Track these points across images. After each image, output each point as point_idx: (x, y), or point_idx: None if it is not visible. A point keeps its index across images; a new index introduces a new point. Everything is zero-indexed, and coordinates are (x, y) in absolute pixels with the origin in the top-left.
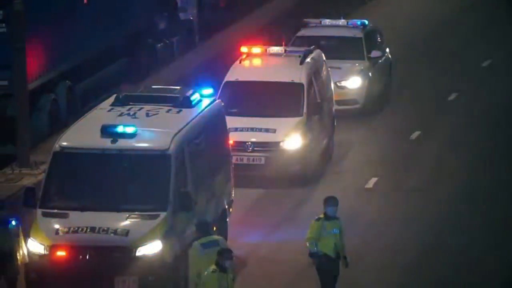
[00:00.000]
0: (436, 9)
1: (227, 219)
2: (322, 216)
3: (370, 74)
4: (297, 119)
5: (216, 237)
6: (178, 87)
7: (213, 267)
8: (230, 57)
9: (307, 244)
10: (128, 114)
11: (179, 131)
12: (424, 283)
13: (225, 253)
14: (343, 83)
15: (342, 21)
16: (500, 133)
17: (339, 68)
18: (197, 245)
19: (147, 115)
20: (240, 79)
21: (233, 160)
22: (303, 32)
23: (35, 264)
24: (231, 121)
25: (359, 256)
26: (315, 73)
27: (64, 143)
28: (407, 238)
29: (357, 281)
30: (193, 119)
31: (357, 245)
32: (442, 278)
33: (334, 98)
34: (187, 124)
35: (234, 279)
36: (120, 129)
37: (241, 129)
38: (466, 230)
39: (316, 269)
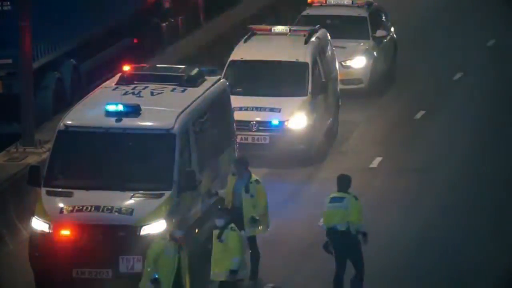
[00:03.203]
0: None
1: None
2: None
3: (375, 53)
4: (301, 98)
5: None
6: (183, 66)
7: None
8: (235, 36)
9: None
10: (133, 93)
11: (184, 110)
12: (426, 263)
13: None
14: (348, 63)
15: (347, 1)
16: (506, 112)
17: (344, 47)
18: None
19: (152, 94)
20: (245, 58)
21: (238, 139)
22: (308, 11)
23: (39, 243)
24: (236, 100)
25: None
26: (320, 52)
27: (69, 122)
28: (410, 217)
29: None
30: (197, 98)
31: None
32: (445, 258)
33: (339, 78)
34: (191, 103)
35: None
36: (124, 108)
37: (245, 108)
38: (469, 211)
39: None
